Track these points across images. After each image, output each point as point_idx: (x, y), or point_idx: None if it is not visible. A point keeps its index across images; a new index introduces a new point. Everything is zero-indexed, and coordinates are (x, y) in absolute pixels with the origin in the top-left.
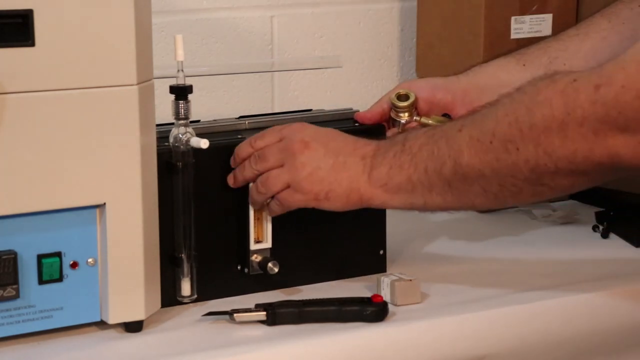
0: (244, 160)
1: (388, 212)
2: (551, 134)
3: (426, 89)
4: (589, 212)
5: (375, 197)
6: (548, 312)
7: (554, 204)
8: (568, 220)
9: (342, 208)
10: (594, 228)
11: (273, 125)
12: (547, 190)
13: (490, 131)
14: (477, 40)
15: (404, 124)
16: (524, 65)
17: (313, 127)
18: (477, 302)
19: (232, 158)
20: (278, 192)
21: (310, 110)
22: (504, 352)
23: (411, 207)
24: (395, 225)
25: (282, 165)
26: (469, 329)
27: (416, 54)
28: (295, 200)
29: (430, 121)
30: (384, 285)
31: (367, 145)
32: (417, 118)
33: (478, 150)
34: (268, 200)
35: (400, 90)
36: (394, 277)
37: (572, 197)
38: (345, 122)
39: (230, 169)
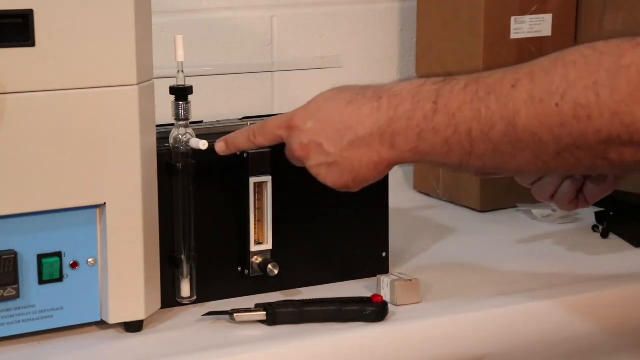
0: (238, 150)
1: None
2: (634, 103)
3: None
4: (589, 212)
5: (404, 160)
6: (548, 312)
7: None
8: (568, 220)
9: (376, 180)
10: (594, 228)
11: None
12: (607, 165)
13: (558, 92)
14: (477, 40)
15: None
16: None
17: (308, 123)
18: (477, 302)
19: (221, 143)
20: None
21: None
22: (504, 352)
23: (440, 167)
24: (396, 225)
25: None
26: (469, 329)
27: (416, 54)
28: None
29: None
30: (384, 285)
31: (375, 112)
32: None
33: (539, 112)
34: None
35: None
36: (394, 277)
37: None
38: None
39: (230, 170)
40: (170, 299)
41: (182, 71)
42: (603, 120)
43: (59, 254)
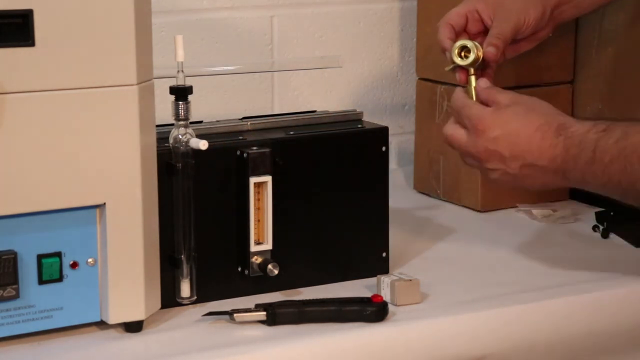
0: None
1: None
2: None
3: (517, 7)
4: (589, 212)
5: (573, 185)
6: (548, 312)
7: (554, 204)
8: (568, 220)
9: (542, 189)
10: (594, 228)
11: (276, 127)
12: None
13: None
14: None
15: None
16: None
17: (496, 131)
18: (477, 302)
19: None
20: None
21: (314, 111)
22: (504, 352)
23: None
24: (396, 225)
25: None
26: (469, 329)
27: (416, 54)
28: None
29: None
30: (384, 285)
31: (553, 148)
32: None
33: None
34: None
35: (465, 42)
36: (394, 277)
37: (572, 197)
38: (349, 124)
39: (230, 170)
40: (170, 299)
41: (182, 71)
42: None
43: (58, 254)
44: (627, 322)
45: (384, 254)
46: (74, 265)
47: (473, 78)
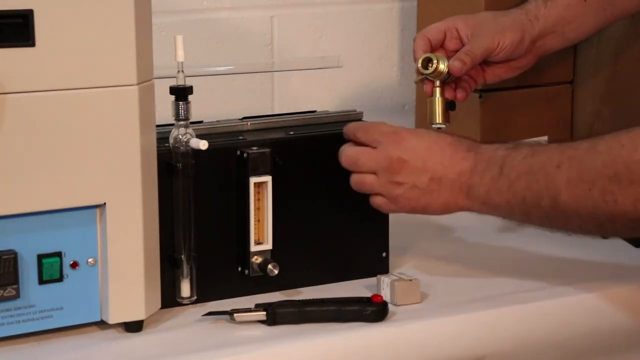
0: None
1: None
2: None
3: (494, 29)
4: None
5: (474, 209)
6: (548, 312)
7: None
8: None
9: (438, 214)
10: None
11: (276, 127)
12: None
13: (589, 179)
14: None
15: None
16: (585, 1)
17: (412, 141)
18: (477, 302)
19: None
20: (371, 194)
21: (314, 111)
22: (504, 352)
23: (511, 220)
24: (396, 225)
25: (375, 173)
26: (469, 329)
27: None
28: (391, 209)
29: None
30: (383, 285)
31: (463, 161)
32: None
33: (576, 193)
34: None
35: (430, 55)
36: (394, 277)
37: None
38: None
39: (229, 171)
40: (170, 299)
41: (182, 71)
42: (627, 205)
43: (59, 254)
44: (627, 322)
45: (384, 254)
46: (74, 265)
47: (438, 90)
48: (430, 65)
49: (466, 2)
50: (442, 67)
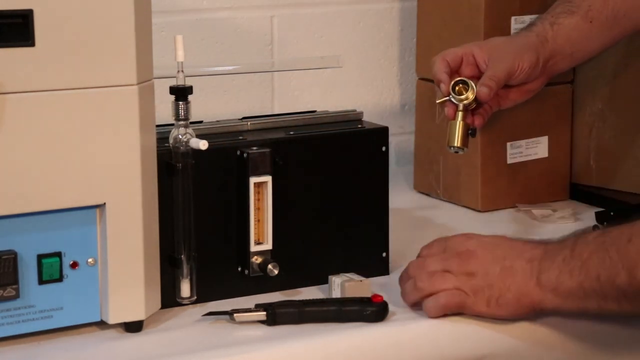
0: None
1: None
2: None
3: (512, 52)
4: (589, 212)
5: (547, 301)
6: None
7: (554, 204)
8: (568, 221)
9: (514, 315)
10: (594, 228)
11: (276, 127)
12: None
13: None
14: (477, 40)
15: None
16: (590, 22)
17: (477, 236)
18: None
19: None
20: (442, 290)
21: (314, 111)
22: (504, 352)
23: (585, 312)
24: (396, 225)
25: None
26: (469, 329)
27: (416, 54)
28: (465, 303)
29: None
30: (334, 286)
31: (534, 249)
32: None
33: None
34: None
35: (464, 79)
36: (345, 278)
37: (572, 197)
38: (349, 124)
39: (230, 170)
40: (170, 299)
41: (182, 71)
42: None
43: (58, 254)
44: (627, 322)
45: (384, 254)
46: (74, 265)
47: (461, 115)
48: (461, 91)
49: (465, 2)
50: (472, 93)
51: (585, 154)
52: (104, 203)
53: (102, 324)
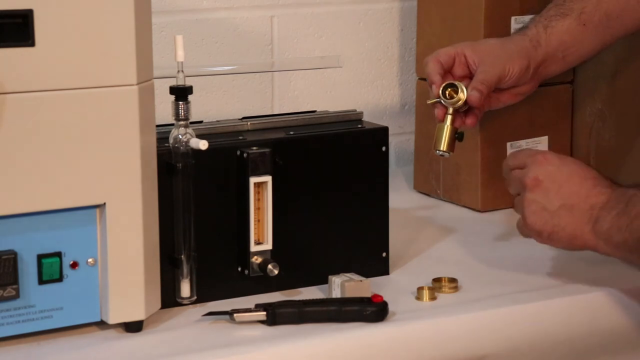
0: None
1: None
2: None
3: (503, 57)
4: None
5: (599, 247)
6: (548, 312)
7: None
8: None
9: (566, 248)
10: None
11: (276, 127)
12: None
13: None
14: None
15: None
16: (584, 25)
17: (556, 164)
18: (477, 302)
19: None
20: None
21: (314, 111)
22: (504, 352)
23: (632, 264)
24: (396, 225)
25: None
26: (469, 329)
27: (416, 54)
28: (523, 231)
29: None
30: (334, 286)
31: (600, 195)
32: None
33: None
34: None
35: (455, 82)
36: (345, 278)
37: None
38: (349, 124)
39: (230, 170)
40: (170, 299)
41: (182, 71)
42: None
43: (58, 254)
44: (627, 322)
45: (384, 254)
46: (74, 265)
47: (449, 118)
48: (451, 94)
49: (465, 2)
50: (463, 96)
51: (585, 154)
52: (104, 203)
53: (102, 324)
